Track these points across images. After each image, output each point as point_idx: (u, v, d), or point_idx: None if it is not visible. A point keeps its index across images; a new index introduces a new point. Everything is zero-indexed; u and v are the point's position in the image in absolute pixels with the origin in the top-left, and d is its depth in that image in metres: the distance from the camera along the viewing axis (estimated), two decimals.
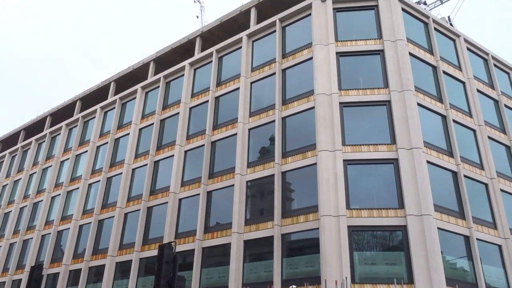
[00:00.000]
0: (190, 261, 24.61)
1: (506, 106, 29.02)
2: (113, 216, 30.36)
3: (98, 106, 37.75)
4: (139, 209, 28.99)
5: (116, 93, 37.93)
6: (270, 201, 22.96)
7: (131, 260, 27.51)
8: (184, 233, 25.96)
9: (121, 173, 31.86)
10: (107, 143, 35.04)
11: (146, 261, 27.23)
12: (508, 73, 31.72)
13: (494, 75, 29.75)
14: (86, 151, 36.54)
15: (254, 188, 24.67)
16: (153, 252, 26.23)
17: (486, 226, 22.53)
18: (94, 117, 37.97)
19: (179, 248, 25.06)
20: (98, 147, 36.16)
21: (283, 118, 24.68)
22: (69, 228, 33.42)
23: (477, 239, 21.45)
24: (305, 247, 21.79)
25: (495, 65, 30.60)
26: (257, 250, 23.04)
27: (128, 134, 33.52)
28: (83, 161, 36.39)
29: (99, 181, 33.58)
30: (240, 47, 29.12)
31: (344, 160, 21.45)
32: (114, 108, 36.39)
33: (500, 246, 22.59)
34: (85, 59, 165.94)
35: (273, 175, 23.31)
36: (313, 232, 20.63)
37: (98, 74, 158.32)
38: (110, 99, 37.33)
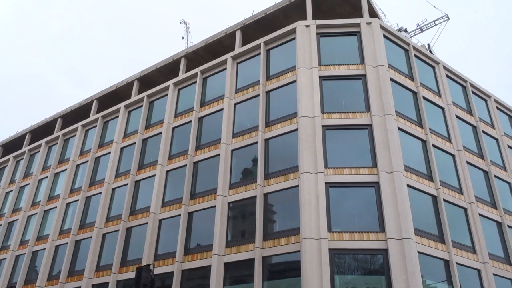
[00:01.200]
0: (169, 283, 24.07)
1: (484, 132, 29.71)
2: (91, 237, 29.65)
3: (79, 124, 37.29)
4: (118, 230, 28.40)
5: (98, 111, 37.60)
6: (251, 223, 22.78)
7: (108, 283, 26.76)
8: (163, 255, 25.46)
9: (101, 193, 31.30)
10: (87, 161, 34.51)
11: (123, 283, 26.53)
12: (485, 100, 32.60)
13: (472, 101, 30.53)
14: (66, 169, 35.88)
15: (235, 209, 24.48)
16: (131, 274, 25.60)
17: (465, 251, 22.72)
18: (75, 135, 37.46)
19: (158, 270, 24.58)
20: (78, 166, 35.56)
21: (266, 140, 24.75)
22: (44, 249, 32.47)
23: (456, 263, 21.57)
24: (286, 270, 21.56)
25: (473, 92, 31.44)
26: (238, 273, 22.71)
27: (109, 153, 33.10)
28: (62, 179, 35.69)
29: (77, 200, 32.89)
30: (225, 69, 29.34)
31: (326, 183, 21.52)
32: (96, 126, 36.00)
33: (479, 271, 22.75)
34: (68, 79, 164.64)
35: (255, 196, 23.20)
36: (294, 255, 20.48)
37: (80, 94, 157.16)
38: (92, 117, 36.95)
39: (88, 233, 30.38)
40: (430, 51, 35.40)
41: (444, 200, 23.18)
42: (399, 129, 23.31)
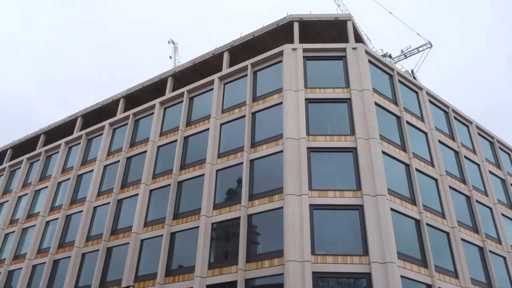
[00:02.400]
0: None
1: (466, 157, 30.19)
2: (70, 256, 28.92)
3: (62, 141, 36.80)
4: (98, 250, 27.77)
5: (82, 129, 37.20)
6: (235, 244, 22.51)
7: None
8: (144, 276, 24.91)
9: (82, 211, 30.70)
10: (69, 179, 33.92)
11: None
12: (467, 126, 33.24)
13: (454, 127, 31.09)
14: (46, 186, 35.19)
15: (219, 230, 24.21)
16: None
17: (447, 275, 22.76)
18: (58, 151, 36.91)
19: None
20: (59, 183, 34.92)
21: (251, 161, 24.72)
22: (21, 268, 31.51)
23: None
24: None
25: (455, 118, 32.06)
26: None
27: (92, 170, 32.63)
28: (42, 197, 34.95)
29: (57, 218, 32.17)
30: (212, 89, 29.45)
31: (310, 205, 21.49)
32: (79, 143, 35.56)
33: None
34: (51, 101, 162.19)
35: (239, 217, 23.01)
36: (277, 278, 20.23)
37: (63, 114, 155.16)
38: (75, 134, 36.54)
39: (67, 253, 29.63)
40: (414, 77, 36.17)
41: (427, 224, 23.31)
42: (383, 152, 23.54)
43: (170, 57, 78.85)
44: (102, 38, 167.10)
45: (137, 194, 28.27)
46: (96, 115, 37.42)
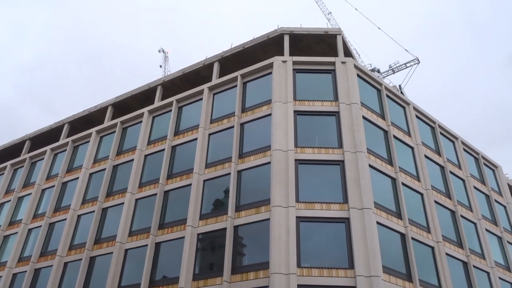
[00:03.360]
0: None
1: (451, 172, 30.52)
2: (52, 265, 28.36)
3: (48, 148, 36.34)
4: (81, 259, 27.30)
5: (69, 136, 36.81)
6: (220, 256, 22.33)
7: None
8: (127, 287, 24.53)
9: (65, 219, 30.22)
10: (53, 186, 33.44)
11: None
12: (453, 142, 33.67)
13: (440, 142, 31.47)
14: (30, 193, 34.61)
15: (205, 241, 24.01)
16: None
17: None
18: (43, 158, 36.41)
19: None
20: (43, 190, 34.39)
21: (239, 172, 24.66)
22: (1, 276, 30.79)
23: None
24: None
25: (441, 133, 32.48)
26: None
27: (78, 178, 32.22)
28: (26, 204, 34.36)
29: (40, 226, 31.61)
30: (201, 99, 29.44)
31: (297, 217, 21.46)
32: (65, 150, 35.14)
33: None
34: (38, 111, 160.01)
35: (225, 228, 22.87)
36: None
37: (50, 122, 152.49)
38: (62, 141, 36.12)
39: (49, 261, 29.07)
40: (401, 92, 36.62)
41: (412, 239, 23.41)
42: (370, 166, 23.68)
43: (160, 66, 78.90)
44: (91, 48, 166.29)
45: (123, 203, 27.96)
46: (83, 122, 37.08)
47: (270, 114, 25.34)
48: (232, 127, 26.57)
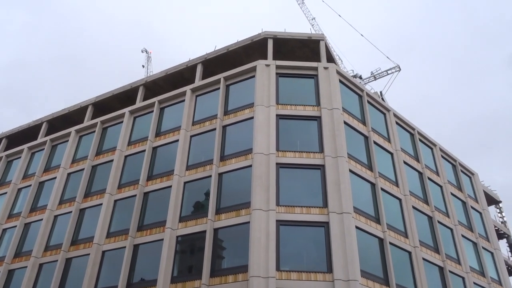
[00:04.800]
0: None
1: (429, 178, 31.04)
2: (26, 267, 27.73)
3: (25, 146, 35.59)
4: (57, 260, 26.78)
5: (47, 134, 36.14)
6: (199, 258, 22.19)
7: None
8: None
9: (42, 220, 29.62)
10: (30, 185, 32.75)
11: None
12: (431, 148, 34.27)
13: (419, 149, 32.00)
14: (5, 192, 33.81)
15: (184, 243, 23.84)
16: None
17: None
18: (20, 157, 35.64)
19: None
20: (19, 190, 33.65)
21: (220, 174, 24.59)
22: None
23: None
24: None
25: (420, 140, 33.02)
26: None
27: (55, 178, 31.64)
28: (0, 203, 33.53)
29: (15, 226, 30.90)
30: (183, 100, 29.28)
31: (277, 220, 21.49)
32: (43, 149, 34.49)
33: None
34: (14, 108, 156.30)
35: (205, 231, 22.75)
36: None
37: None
38: (40, 139, 35.43)
39: (23, 263, 28.42)
40: (382, 99, 37.11)
41: (390, 243, 23.71)
42: (350, 171, 23.91)
43: (143, 66, 78.19)
44: (70, 50, 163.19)
45: (101, 204, 27.56)
46: (62, 121, 36.46)
47: (252, 117, 25.37)
48: (214, 129, 26.50)
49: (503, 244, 48.15)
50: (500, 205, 50.24)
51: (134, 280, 23.77)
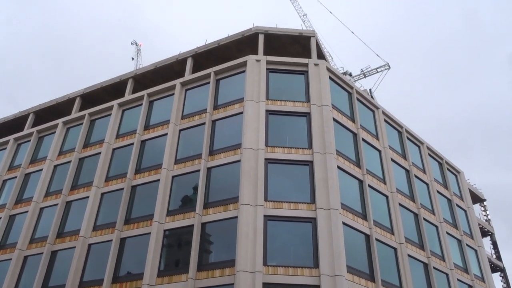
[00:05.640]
0: None
1: (416, 176, 31.37)
2: (11, 259, 27.43)
3: (11, 137, 35.10)
4: (42, 253, 26.54)
5: (34, 126, 35.69)
6: (186, 252, 22.18)
7: None
8: (89, 282, 24.02)
9: (27, 212, 29.30)
10: (15, 177, 32.35)
11: None
12: (418, 146, 34.62)
13: (406, 146, 32.30)
14: None
15: (171, 237, 23.79)
16: None
17: None
18: (5, 148, 35.15)
19: None
20: (4, 181, 33.22)
21: (209, 169, 24.55)
22: None
23: None
24: None
25: (408, 138, 33.33)
26: None
27: (41, 170, 31.28)
28: None
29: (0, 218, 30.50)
30: (173, 94, 29.11)
31: (264, 216, 21.55)
32: (30, 141, 34.06)
33: None
34: (0, 103, 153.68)
35: (192, 225, 22.72)
36: None
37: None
38: (26, 131, 34.97)
39: (7, 255, 28.11)
40: (372, 96, 37.32)
41: (376, 240, 23.94)
42: (339, 167, 24.04)
43: (133, 59, 77.44)
44: (56, 42, 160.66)
45: (88, 197, 27.34)
46: (49, 113, 36.02)
47: (242, 112, 25.33)
48: (204, 123, 26.42)
49: (486, 241, 49.07)
50: (485, 203, 51.05)
51: (120, 273, 23.67)
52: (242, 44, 30.06)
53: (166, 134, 27.29)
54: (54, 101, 35.62)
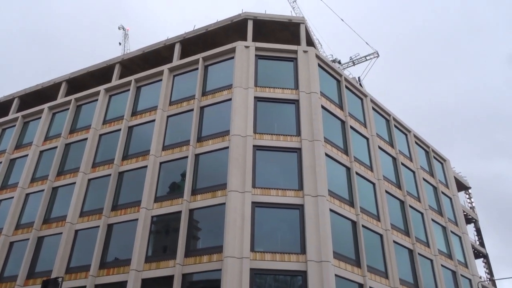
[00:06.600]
0: None
1: (402, 164, 31.70)
2: None
3: None
4: (28, 239, 26.36)
5: (19, 111, 35.13)
6: (174, 239, 22.21)
7: None
8: (76, 268, 23.98)
9: (12, 197, 29.00)
10: (0, 162, 31.91)
11: None
12: (406, 134, 34.92)
13: (394, 134, 32.55)
14: None
15: (159, 224, 23.78)
16: (37, 287, 23.75)
17: (378, 275, 23.81)
18: None
19: (70, 284, 23.17)
20: None
21: (197, 155, 24.49)
22: None
23: (370, 287, 22.50)
24: None
25: (395, 126, 33.57)
26: None
27: (27, 155, 30.90)
28: None
29: None
30: (161, 80, 28.83)
31: (252, 202, 21.63)
32: (15, 126, 33.56)
33: None
34: None
35: (180, 211, 22.73)
36: (215, 273, 20.19)
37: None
38: (11, 115, 34.44)
39: None
40: (360, 84, 37.40)
41: (363, 226, 24.23)
42: (326, 155, 24.17)
43: (120, 44, 76.39)
44: (41, 27, 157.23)
45: (74, 183, 27.13)
46: (34, 98, 35.46)
47: (230, 99, 25.22)
48: (192, 110, 26.26)
49: (470, 228, 50.01)
50: (470, 191, 51.91)
51: (107, 259, 23.65)
52: (231, 30, 29.80)
53: (154, 120, 27.08)
54: (39, 86, 35.05)
